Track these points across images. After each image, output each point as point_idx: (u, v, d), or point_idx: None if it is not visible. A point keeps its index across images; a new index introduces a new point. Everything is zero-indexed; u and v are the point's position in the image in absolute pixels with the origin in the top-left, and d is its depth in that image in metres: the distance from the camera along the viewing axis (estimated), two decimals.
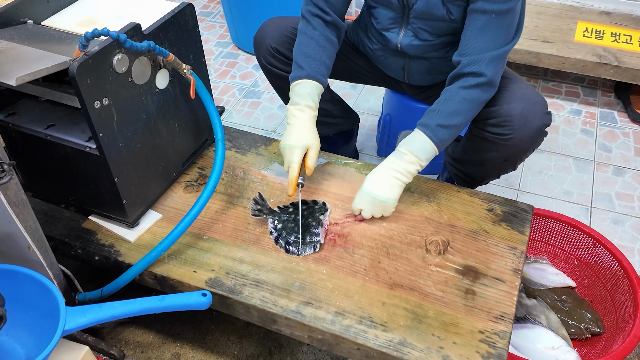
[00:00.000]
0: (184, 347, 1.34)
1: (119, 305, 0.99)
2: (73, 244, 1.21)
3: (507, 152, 1.26)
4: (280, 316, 1.07)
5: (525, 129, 1.20)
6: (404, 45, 1.29)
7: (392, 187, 1.19)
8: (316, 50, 1.26)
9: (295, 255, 1.16)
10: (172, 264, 1.15)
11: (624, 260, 1.34)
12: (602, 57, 2.00)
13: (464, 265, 1.15)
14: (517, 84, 1.25)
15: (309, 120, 1.24)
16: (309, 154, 1.23)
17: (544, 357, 1.26)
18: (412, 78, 1.41)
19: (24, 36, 1.11)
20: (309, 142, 1.23)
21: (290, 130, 1.24)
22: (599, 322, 1.35)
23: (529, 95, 1.22)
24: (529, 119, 1.20)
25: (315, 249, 1.17)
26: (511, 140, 1.22)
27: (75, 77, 0.95)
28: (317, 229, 1.20)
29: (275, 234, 1.20)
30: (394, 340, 1.01)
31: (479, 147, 1.30)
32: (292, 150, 1.22)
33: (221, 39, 2.63)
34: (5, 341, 0.98)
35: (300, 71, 1.25)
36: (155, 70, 1.13)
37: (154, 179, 1.24)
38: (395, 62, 1.38)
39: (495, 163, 1.32)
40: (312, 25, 1.28)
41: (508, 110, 1.20)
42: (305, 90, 1.24)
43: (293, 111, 1.25)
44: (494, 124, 1.23)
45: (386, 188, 1.19)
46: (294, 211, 1.25)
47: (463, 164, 1.42)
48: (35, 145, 1.16)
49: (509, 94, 1.22)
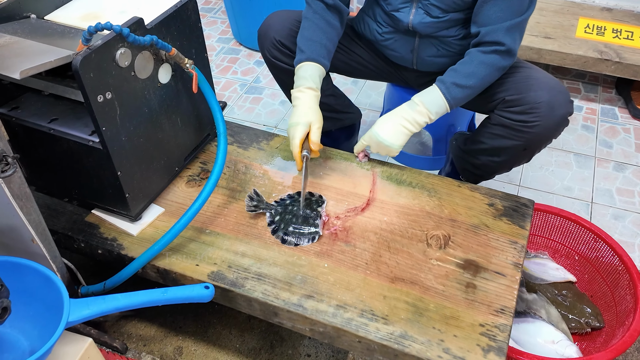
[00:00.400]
0: (186, 340, 1.34)
1: (123, 297, 1.00)
2: (76, 237, 1.22)
3: (529, 140, 1.27)
4: (282, 309, 1.07)
5: (552, 117, 1.22)
6: (415, 23, 1.30)
7: (399, 134, 1.26)
8: (316, 33, 1.29)
9: (293, 245, 1.17)
10: (174, 257, 1.16)
11: (624, 255, 1.34)
12: (604, 53, 2.00)
13: (465, 259, 1.15)
14: (540, 73, 1.28)
15: (311, 100, 1.27)
16: (312, 129, 1.26)
17: (544, 351, 1.26)
18: (420, 62, 1.41)
19: (27, 30, 1.11)
20: (311, 118, 1.25)
21: (294, 111, 1.28)
22: (599, 316, 1.35)
23: (553, 84, 1.24)
24: (556, 107, 1.21)
25: (314, 239, 1.18)
26: (536, 127, 1.23)
27: (79, 71, 0.96)
28: (316, 220, 1.21)
29: (274, 225, 1.21)
30: (395, 333, 1.02)
31: (499, 135, 1.31)
32: (294, 128, 1.25)
33: (223, 34, 2.63)
34: (9, 332, 0.99)
35: (301, 55, 1.29)
36: (158, 64, 1.14)
37: (156, 173, 1.25)
38: (405, 46, 1.38)
39: (513, 152, 1.32)
40: (314, 9, 1.31)
41: (535, 97, 1.22)
42: (306, 72, 1.27)
43: (295, 94, 1.29)
44: (520, 112, 1.24)
45: (393, 134, 1.27)
46: (291, 203, 1.25)
47: (477, 154, 1.42)
48: (38, 139, 1.17)
49: (534, 82, 1.24)
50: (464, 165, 1.50)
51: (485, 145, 1.37)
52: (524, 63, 1.33)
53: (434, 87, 1.25)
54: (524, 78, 1.27)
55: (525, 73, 1.28)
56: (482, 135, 1.37)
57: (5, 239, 1.03)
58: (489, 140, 1.35)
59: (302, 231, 1.19)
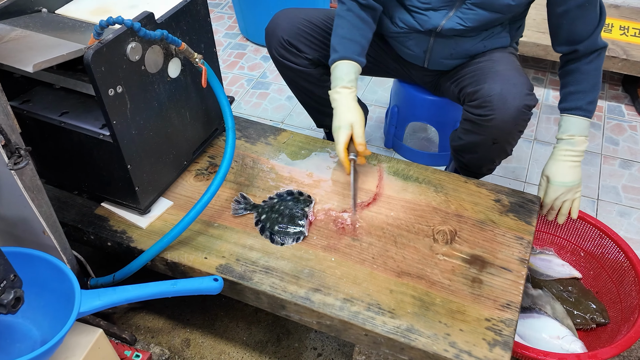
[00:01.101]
0: (194, 332, 1.36)
1: (133, 288, 1.01)
2: (86, 229, 1.23)
3: (492, 134, 1.27)
4: (289, 302, 1.08)
5: (505, 109, 1.21)
6: (446, 28, 1.31)
7: (575, 170, 1.32)
8: (350, 31, 1.29)
9: (279, 245, 1.18)
10: (183, 250, 1.17)
11: (629, 251, 1.34)
12: (611, 50, 2.00)
13: (471, 255, 1.16)
14: (502, 66, 1.28)
15: (348, 99, 1.27)
16: (355, 131, 1.25)
17: (549, 347, 1.27)
18: (432, 62, 1.42)
19: (38, 24, 1.12)
20: (351, 119, 1.25)
21: (334, 114, 1.28)
22: (604, 312, 1.36)
23: (509, 76, 1.24)
24: (509, 99, 1.21)
25: (298, 239, 1.18)
26: (492, 121, 1.23)
27: (90, 65, 0.96)
28: (302, 220, 1.21)
29: (260, 224, 1.22)
30: (401, 326, 1.03)
31: (467, 130, 1.32)
32: (336, 133, 1.26)
33: (230, 30, 2.64)
34: (21, 323, 1.00)
35: (334, 54, 1.29)
36: (168, 59, 1.15)
37: (165, 166, 1.26)
38: (419, 45, 1.39)
39: (485, 147, 1.33)
40: (347, 6, 1.30)
41: (488, 90, 1.22)
42: (341, 71, 1.28)
43: (332, 95, 1.29)
44: (476, 105, 1.25)
45: (572, 173, 1.31)
46: (279, 202, 1.26)
47: (461, 152, 1.43)
48: (49, 132, 1.18)
49: (492, 75, 1.25)
50: (458, 163, 1.51)
51: (462, 142, 1.38)
52: (496, 55, 1.34)
53: (577, 117, 1.30)
54: (485, 71, 1.28)
55: (489, 65, 1.29)
56: (459, 131, 1.38)
57: (17, 230, 1.04)
58: (463, 136, 1.36)
59: (288, 230, 1.19)
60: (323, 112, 1.61)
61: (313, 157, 1.40)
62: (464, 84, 1.33)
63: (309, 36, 1.41)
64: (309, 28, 1.41)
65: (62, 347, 0.98)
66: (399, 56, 1.50)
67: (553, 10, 1.27)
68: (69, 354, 0.98)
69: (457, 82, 1.38)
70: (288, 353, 1.32)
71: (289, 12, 1.43)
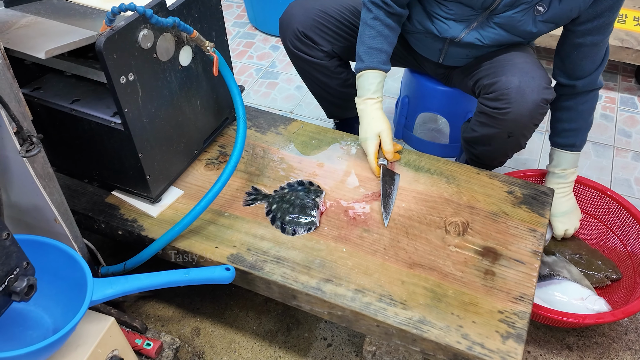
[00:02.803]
0: (204, 321, 1.36)
1: (145, 277, 1.01)
2: (97, 218, 1.23)
3: (508, 128, 1.26)
4: (300, 292, 1.08)
5: (523, 103, 1.20)
6: (465, 41, 1.30)
7: (571, 201, 1.41)
8: (377, 40, 1.29)
9: (290, 235, 1.18)
10: (194, 239, 1.17)
11: (632, 207, 1.40)
12: (624, 42, 1.98)
13: (484, 247, 1.15)
14: (521, 57, 1.26)
15: (373, 109, 1.30)
16: (383, 139, 1.30)
17: (575, 309, 1.30)
18: (448, 59, 1.42)
19: (49, 11, 1.12)
20: (378, 129, 1.29)
21: (360, 124, 1.33)
22: (615, 268, 1.40)
23: (528, 69, 1.22)
24: (527, 93, 1.19)
25: (310, 229, 1.18)
26: (509, 114, 1.22)
27: (102, 52, 0.96)
28: (313, 210, 1.20)
29: (271, 214, 1.21)
30: (413, 318, 1.02)
31: (482, 123, 1.31)
32: (365, 144, 1.32)
33: (238, 19, 2.62)
34: (34, 310, 1.00)
35: (360, 64, 1.31)
36: (179, 47, 1.14)
37: (176, 155, 1.25)
38: (433, 45, 1.38)
39: (499, 140, 1.32)
40: (374, 14, 1.29)
41: (505, 83, 1.21)
42: (366, 81, 1.30)
43: (359, 105, 1.33)
44: (492, 98, 1.23)
45: (569, 205, 1.41)
46: (290, 192, 1.25)
47: (474, 144, 1.42)
48: (59, 119, 1.17)
49: (510, 67, 1.23)
50: (469, 155, 1.49)
51: (476, 134, 1.37)
52: (516, 47, 1.32)
53: (567, 153, 1.36)
54: (502, 63, 1.26)
55: (506, 58, 1.27)
56: (473, 123, 1.37)
57: (28, 218, 1.04)
58: (477, 128, 1.35)
59: (299, 220, 1.19)
60: (335, 104, 1.60)
61: (324, 148, 1.39)
62: (479, 76, 1.31)
63: (324, 28, 1.40)
64: (325, 19, 1.39)
65: (75, 335, 0.98)
66: (413, 49, 1.49)
67: (569, 40, 1.26)
68: (81, 342, 0.98)
69: (472, 74, 1.36)
70: (298, 343, 1.32)
71: (303, 2, 1.41)
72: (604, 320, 1.21)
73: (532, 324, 1.36)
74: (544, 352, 1.31)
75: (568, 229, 1.42)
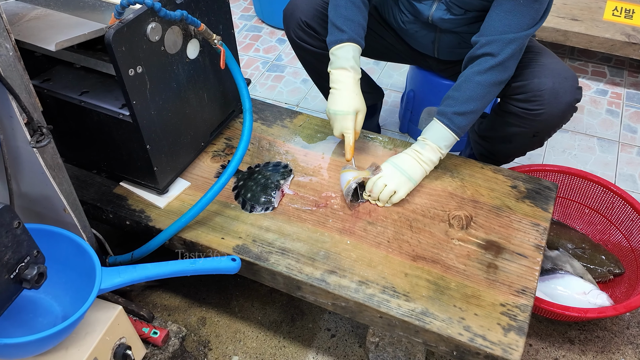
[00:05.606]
0: (210, 311, 1.38)
1: (153, 266, 1.02)
2: (105, 208, 1.24)
3: (536, 128, 1.26)
4: (305, 283, 1.09)
5: (556, 104, 1.20)
6: (435, 18, 1.28)
7: (418, 168, 1.22)
8: (354, 12, 1.26)
9: (248, 211, 1.21)
10: (200, 230, 1.18)
11: (635, 203, 1.40)
12: (631, 37, 1.97)
13: (487, 240, 1.16)
14: (548, 58, 1.25)
15: (355, 84, 1.25)
16: (358, 119, 1.25)
17: (577, 303, 1.31)
18: (442, 53, 1.41)
19: (59, 3, 1.13)
20: (358, 106, 1.25)
21: (338, 95, 1.24)
22: (618, 263, 1.41)
23: (559, 70, 1.21)
24: (560, 94, 1.19)
25: (267, 209, 1.21)
26: (541, 115, 1.22)
27: (111, 44, 0.97)
28: (274, 191, 1.23)
29: (236, 190, 1.25)
30: (416, 309, 1.04)
31: (508, 122, 1.30)
32: (344, 117, 1.24)
33: (245, 12, 2.63)
34: (44, 298, 1.02)
35: (341, 34, 1.24)
36: (187, 40, 1.15)
37: (183, 147, 1.27)
38: (426, 36, 1.38)
39: (523, 139, 1.32)
40: None
41: (539, 84, 1.20)
42: (349, 53, 1.24)
43: (338, 76, 1.25)
44: (524, 99, 1.22)
45: (412, 167, 1.22)
46: (258, 170, 1.29)
47: (490, 140, 1.42)
48: (68, 111, 1.19)
49: (540, 68, 1.22)
50: (480, 149, 1.49)
51: (495, 133, 1.37)
52: (536, 46, 1.30)
53: (436, 121, 1.21)
54: (530, 63, 1.24)
55: (533, 58, 1.25)
56: (494, 121, 1.37)
57: (38, 207, 1.06)
58: (500, 127, 1.34)
59: (260, 199, 1.22)
60: None
61: (329, 141, 1.40)
62: None
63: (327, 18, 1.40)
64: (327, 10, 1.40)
65: (83, 323, 1.00)
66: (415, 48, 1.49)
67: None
68: (90, 330, 1.00)
69: None
70: (302, 333, 1.34)
71: None
72: (605, 315, 1.22)
73: (535, 318, 1.37)
74: (546, 345, 1.33)
75: (383, 177, 1.21)
